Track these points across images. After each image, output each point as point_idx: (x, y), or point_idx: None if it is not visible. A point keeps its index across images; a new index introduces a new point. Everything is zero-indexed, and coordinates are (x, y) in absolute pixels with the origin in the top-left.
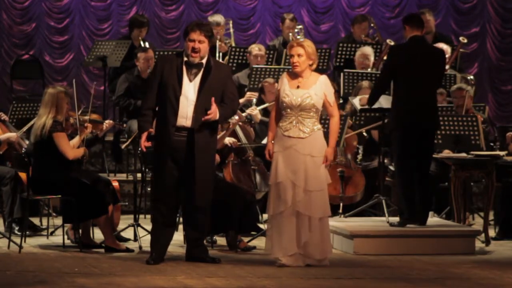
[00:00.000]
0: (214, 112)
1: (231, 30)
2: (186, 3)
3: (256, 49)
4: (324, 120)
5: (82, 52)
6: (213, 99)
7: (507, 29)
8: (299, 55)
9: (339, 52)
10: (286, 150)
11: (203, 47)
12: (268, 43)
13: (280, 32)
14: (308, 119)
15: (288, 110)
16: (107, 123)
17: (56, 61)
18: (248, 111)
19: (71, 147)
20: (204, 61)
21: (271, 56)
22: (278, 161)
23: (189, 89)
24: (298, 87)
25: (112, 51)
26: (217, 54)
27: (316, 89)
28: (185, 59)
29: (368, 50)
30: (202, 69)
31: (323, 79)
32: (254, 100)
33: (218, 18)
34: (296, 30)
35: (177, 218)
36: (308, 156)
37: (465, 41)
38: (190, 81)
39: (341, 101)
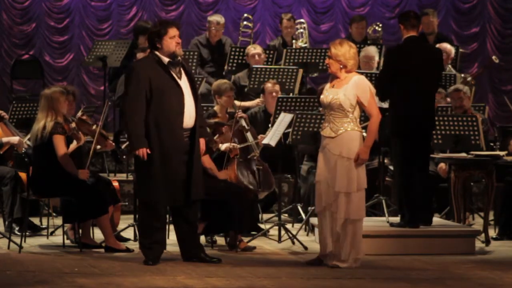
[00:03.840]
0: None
1: (302, 31)
2: (186, 3)
3: (252, 49)
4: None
5: (82, 52)
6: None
7: (507, 29)
8: (328, 57)
9: None
10: (323, 150)
11: None
12: (268, 43)
13: (280, 32)
14: (339, 118)
15: (325, 109)
16: (111, 143)
17: (56, 61)
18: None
19: (65, 153)
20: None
21: (271, 56)
22: (319, 160)
23: (185, 89)
24: (333, 86)
25: (112, 51)
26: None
27: (346, 89)
28: (167, 60)
29: (372, 51)
30: (181, 67)
31: (356, 79)
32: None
33: (218, 17)
34: (301, 31)
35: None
36: (338, 156)
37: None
38: (180, 80)
39: None
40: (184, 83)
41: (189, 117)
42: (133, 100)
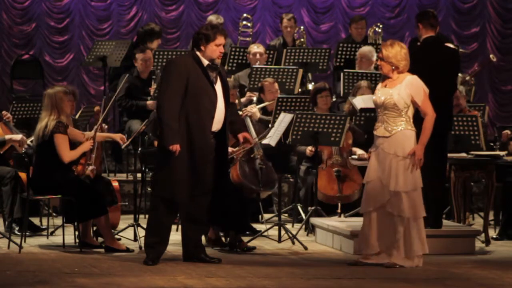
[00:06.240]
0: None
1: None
2: (186, 3)
3: (254, 47)
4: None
5: (82, 52)
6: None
7: (507, 29)
8: (380, 59)
9: (339, 52)
10: (377, 149)
11: None
12: (268, 43)
13: (280, 32)
14: (393, 118)
15: (378, 109)
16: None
17: (56, 61)
18: (247, 108)
19: (69, 152)
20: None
21: (271, 56)
22: (372, 160)
23: (219, 94)
24: (385, 86)
25: (112, 51)
26: None
27: (400, 88)
28: (206, 62)
29: (365, 50)
30: (217, 73)
31: (410, 79)
32: (254, 99)
33: (219, 18)
34: (299, 31)
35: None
36: (393, 155)
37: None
38: (216, 85)
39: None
40: (218, 88)
41: (218, 121)
42: (173, 94)
